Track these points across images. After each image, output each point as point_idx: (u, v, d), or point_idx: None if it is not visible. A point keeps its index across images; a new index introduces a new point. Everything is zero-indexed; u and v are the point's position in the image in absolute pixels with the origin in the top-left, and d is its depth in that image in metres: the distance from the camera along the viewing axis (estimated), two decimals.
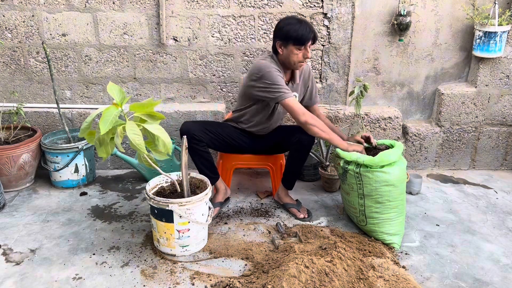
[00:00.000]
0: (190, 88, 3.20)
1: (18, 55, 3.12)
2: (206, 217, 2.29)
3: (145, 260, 2.21)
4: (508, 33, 2.96)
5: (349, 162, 2.36)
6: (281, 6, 3.00)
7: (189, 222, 2.18)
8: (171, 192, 2.36)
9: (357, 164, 2.31)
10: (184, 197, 2.23)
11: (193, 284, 2.02)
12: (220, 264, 2.18)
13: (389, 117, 3.16)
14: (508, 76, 3.13)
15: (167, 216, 2.15)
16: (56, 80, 3.12)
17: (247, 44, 3.08)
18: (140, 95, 3.23)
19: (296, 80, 2.54)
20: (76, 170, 2.98)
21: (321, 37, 3.07)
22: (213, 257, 2.25)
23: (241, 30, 3.05)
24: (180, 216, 2.14)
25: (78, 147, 2.94)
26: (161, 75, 3.18)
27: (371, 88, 3.22)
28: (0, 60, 3.13)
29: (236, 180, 3.14)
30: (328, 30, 3.06)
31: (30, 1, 2.99)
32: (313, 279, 1.90)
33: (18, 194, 2.91)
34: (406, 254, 2.30)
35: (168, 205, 2.13)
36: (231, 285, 1.96)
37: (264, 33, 3.06)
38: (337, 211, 2.73)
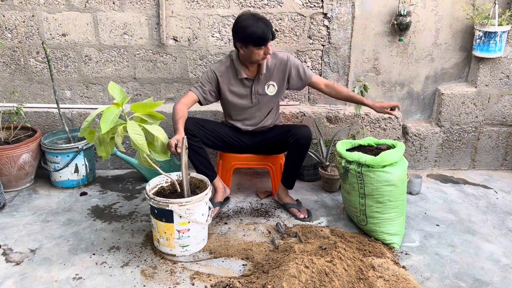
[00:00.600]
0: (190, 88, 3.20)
1: (18, 55, 3.12)
2: (206, 217, 2.29)
3: (145, 260, 2.21)
4: (508, 33, 2.96)
5: (350, 162, 2.36)
6: (281, 6, 3.00)
7: (189, 222, 2.18)
8: (171, 192, 2.36)
9: (359, 164, 2.31)
10: (184, 197, 2.23)
11: (193, 284, 2.02)
12: (220, 264, 2.18)
13: (389, 117, 3.16)
14: (508, 76, 3.13)
15: (167, 216, 2.15)
16: (56, 80, 3.12)
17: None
18: (140, 95, 3.23)
19: (262, 71, 2.56)
20: (76, 170, 2.98)
21: (321, 37, 3.08)
22: (213, 257, 2.25)
23: None
24: (180, 216, 2.14)
25: (78, 147, 2.94)
26: (161, 75, 3.18)
27: (371, 88, 3.22)
28: (0, 60, 3.13)
29: (236, 180, 3.14)
30: (328, 30, 3.06)
31: (30, 1, 2.99)
32: (313, 279, 1.90)
33: (18, 194, 2.91)
34: (406, 254, 2.30)
35: (168, 205, 2.13)
36: (231, 285, 1.96)
37: None
38: (337, 211, 2.73)
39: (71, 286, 2.02)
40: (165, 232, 2.19)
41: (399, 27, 2.97)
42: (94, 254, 2.26)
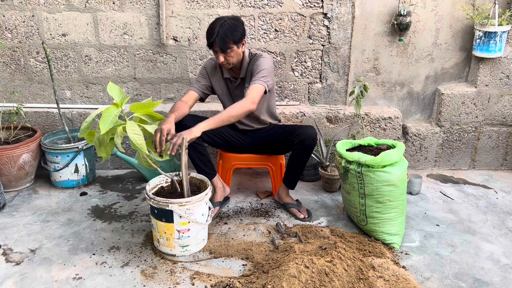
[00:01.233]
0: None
1: (18, 55, 3.12)
2: (206, 217, 2.29)
3: (145, 260, 2.21)
4: (508, 33, 2.96)
5: (350, 162, 2.36)
6: (281, 6, 3.00)
7: (189, 222, 2.18)
8: (171, 192, 2.36)
9: (359, 164, 2.31)
10: (184, 197, 2.23)
11: (193, 284, 2.02)
12: (220, 264, 2.18)
13: (389, 117, 3.16)
14: (508, 76, 3.13)
15: (167, 216, 2.15)
16: (56, 80, 3.12)
17: (247, 44, 3.07)
18: (140, 95, 3.23)
19: (242, 74, 2.56)
20: (76, 170, 2.98)
21: (321, 37, 3.08)
22: (213, 257, 2.25)
23: None
24: (180, 216, 2.14)
25: (78, 147, 2.94)
26: (161, 75, 3.18)
27: (371, 88, 3.23)
28: (0, 60, 3.13)
29: (236, 180, 3.14)
30: (328, 30, 3.06)
31: (30, 1, 2.99)
32: (313, 279, 1.90)
33: (18, 194, 2.91)
34: (406, 254, 2.30)
35: (168, 205, 2.13)
36: (231, 285, 1.96)
37: (264, 33, 3.06)
38: (337, 211, 2.73)
39: (71, 286, 2.02)
40: (165, 232, 2.19)
41: (399, 27, 2.97)
42: (94, 254, 2.26)
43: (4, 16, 3.02)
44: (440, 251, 2.32)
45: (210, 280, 2.05)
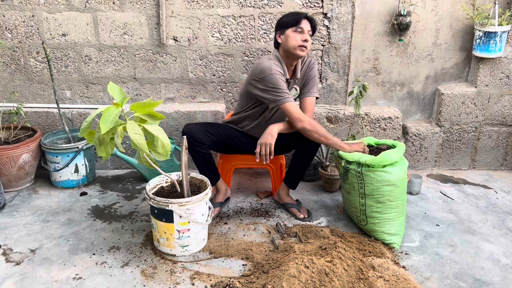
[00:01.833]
0: (190, 88, 3.20)
1: (18, 55, 3.12)
2: (206, 217, 2.29)
3: (145, 260, 2.21)
4: (508, 33, 2.96)
5: (350, 162, 2.36)
6: (281, 6, 3.00)
7: (189, 222, 2.18)
8: (171, 192, 2.36)
9: (359, 164, 2.31)
10: (184, 197, 2.23)
11: (193, 284, 2.02)
12: (220, 264, 2.18)
13: (389, 117, 3.16)
14: (508, 76, 3.13)
15: (167, 216, 2.15)
16: (56, 80, 3.12)
17: (247, 44, 3.08)
18: (140, 95, 3.23)
19: (297, 75, 2.54)
20: (76, 170, 2.98)
21: (321, 37, 3.07)
22: (213, 257, 2.25)
23: (241, 30, 3.05)
24: (180, 216, 2.14)
25: (78, 147, 2.94)
26: (161, 75, 3.18)
27: (371, 88, 3.23)
28: (0, 60, 3.13)
29: (236, 180, 3.14)
30: (328, 30, 3.06)
31: (30, 1, 2.99)
32: (313, 279, 1.90)
33: (18, 194, 2.91)
34: (406, 254, 2.30)
35: (168, 205, 2.13)
36: (231, 285, 1.96)
37: (264, 33, 3.06)
38: (337, 211, 2.73)
39: (71, 286, 2.02)
40: (165, 232, 2.19)
41: (399, 27, 2.98)
42: (94, 254, 2.26)
43: (4, 16, 3.02)
44: (440, 251, 2.32)
45: (210, 280, 2.05)
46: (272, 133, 2.40)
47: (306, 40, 2.38)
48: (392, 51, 3.15)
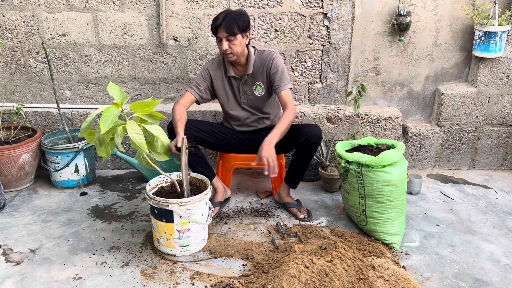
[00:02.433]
0: (187, 88, 3.20)
1: (18, 55, 3.12)
2: (206, 217, 2.29)
3: (145, 260, 2.21)
4: (508, 33, 2.96)
5: (350, 162, 2.36)
6: (281, 6, 3.00)
7: (189, 222, 2.18)
8: (171, 192, 2.36)
9: (359, 164, 2.31)
10: (184, 197, 2.23)
11: (193, 284, 2.02)
12: (220, 264, 2.18)
13: (389, 117, 3.16)
14: (508, 76, 3.13)
15: (167, 216, 2.15)
16: (56, 80, 3.12)
17: None
18: (140, 95, 3.23)
19: (249, 71, 2.54)
20: (76, 170, 2.98)
21: (321, 37, 3.08)
22: (213, 257, 2.25)
23: None
24: (180, 216, 2.14)
25: (78, 147, 2.94)
26: (161, 75, 3.18)
27: (371, 88, 3.23)
28: (0, 60, 3.13)
29: (236, 180, 3.14)
30: (328, 30, 3.06)
31: (30, 1, 2.99)
32: (313, 279, 1.90)
33: (18, 194, 2.91)
34: (406, 254, 2.30)
35: (168, 205, 2.13)
36: (231, 285, 1.96)
37: (264, 33, 3.06)
38: (337, 211, 2.73)
39: (71, 286, 2.02)
40: (165, 232, 2.19)
41: (399, 27, 2.97)
42: (94, 254, 2.26)
43: (4, 16, 3.02)
44: (440, 251, 2.32)
45: (210, 280, 2.05)
46: (271, 146, 2.30)
47: (222, 49, 2.39)
48: (392, 51, 3.15)
